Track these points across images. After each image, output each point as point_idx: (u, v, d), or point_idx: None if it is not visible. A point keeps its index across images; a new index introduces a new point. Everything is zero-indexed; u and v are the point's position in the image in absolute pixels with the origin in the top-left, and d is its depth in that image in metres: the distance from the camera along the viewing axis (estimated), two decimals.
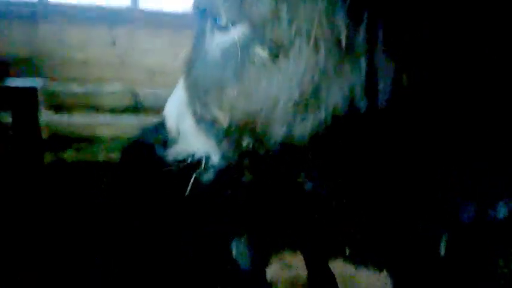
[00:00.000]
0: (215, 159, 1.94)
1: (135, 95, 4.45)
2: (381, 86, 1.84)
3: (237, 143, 1.83)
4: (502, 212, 2.14)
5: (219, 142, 1.87)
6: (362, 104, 1.84)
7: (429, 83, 1.86)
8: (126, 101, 4.46)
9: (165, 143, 2.05)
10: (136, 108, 4.59)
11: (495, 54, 1.80)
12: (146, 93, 4.57)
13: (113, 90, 4.41)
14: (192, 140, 1.94)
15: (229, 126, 1.80)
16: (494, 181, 2.01)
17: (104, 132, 4.23)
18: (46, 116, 3.93)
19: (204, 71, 1.86)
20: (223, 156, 1.91)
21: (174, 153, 2.00)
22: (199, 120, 1.87)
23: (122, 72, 5.04)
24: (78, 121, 4.18)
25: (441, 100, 1.91)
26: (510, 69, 1.77)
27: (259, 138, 1.82)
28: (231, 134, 1.82)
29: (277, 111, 1.75)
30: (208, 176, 1.96)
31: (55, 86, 4.08)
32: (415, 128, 2.00)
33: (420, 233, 2.20)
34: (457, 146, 1.94)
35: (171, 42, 5.14)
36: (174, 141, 1.99)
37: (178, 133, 1.97)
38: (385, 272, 3.83)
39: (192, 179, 1.96)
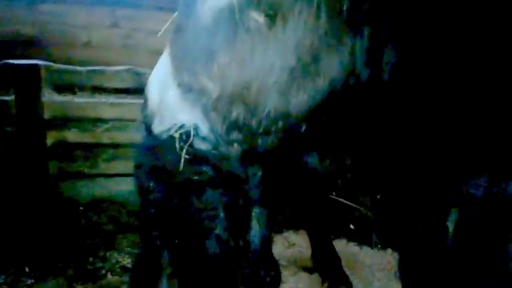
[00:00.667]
0: (203, 131, 1.86)
1: (138, 76, 4.42)
2: (385, 56, 1.81)
3: (227, 115, 1.78)
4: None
5: (206, 113, 1.80)
6: (364, 74, 1.80)
7: (438, 55, 1.82)
8: (130, 82, 4.43)
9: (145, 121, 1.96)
10: (140, 89, 4.57)
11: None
12: (150, 74, 4.55)
13: (116, 71, 4.37)
14: (177, 112, 1.84)
15: (219, 96, 1.74)
16: (508, 151, 1.96)
17: (108, 113, 4.22)
18: (49, 97, 3.92)
19: (194, 38, 1.78)
20: (212, 129, 1.84)
21: (157, 125, 1.90)
22: (186, 90, 1.80)
23: (126, 53, 5.04)
24: (81, 102, 4.16)
25: (447, 71, 1.86)
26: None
27: (252, 109, 1.76)
28: (220, 105, 1.76)
29: (272, 79, 1.68)
30: (196, 148, 1.89)
31: (58, 67, 4.05)
32: (421, 100, 1.96)
33: (427, 209, 2.18)
34: (466, 114, 1.90)
35: None
36: (156, 114, 1.89)
37: (161, 105, 1.86)
38: (389, 250, 3.85)
39: (184, 150, 1.91)
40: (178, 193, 1.96)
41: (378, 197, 2.78)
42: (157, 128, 1.89)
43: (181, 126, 1.85)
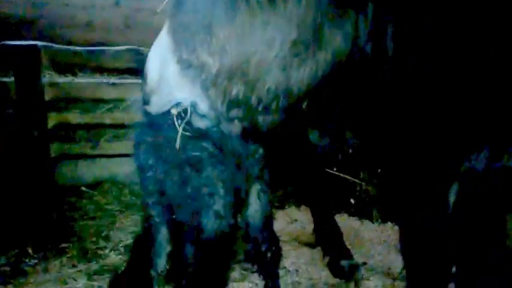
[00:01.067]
0: (203, 108, 1.85)
1: (140, 56, 4.41)
2: (389, 29, 1.79)
3: (227, 91, 1.76)
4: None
5: (206, 90, 1.78)
6: (367, 49, 1.78)
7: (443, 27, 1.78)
8: (131, 62, 4.42)
9: (144, 98, 1.94)
10: (141, 69, 4.56)
11: None
12: None
13: (117, 51, 4.36)
14: (175, 89, 1.83)
15: (219, 72, 1.72)
16: (508, 125, 1.94)
17: (109, 93, 4.22)
18: (49, 78, 3.93)
19: (193, 12, 1.75)
20: (212, 106, 1.82)
21: (156, 102, 1.89)
22: (185, 66, 1.77)
23: (127, 33, 5.03)
24: (82, 83, 4.16)
25: (449, 46, 1.83)
26: None
27: (252, 85, 1.75)
28: (220, 81, 1.74)
29: (273, 53, 1.66)
30: (195, 125, 1.90)
31: (58, 47, 4.05)
32: (423, 74, 1.93)
33: (428, 183, 2.17)
34: (468, 88, 1.87)
35: None
36: (154, 91, 1.87)
37: (160, 82, 1.85)
38: (389, 224, 3.85)
39: (181, 127, 1.91)
40: (177, 170, 1.98)
41: (378, 171, 2.78)
42: (155, 105, 1.89)
43: (179, 104, 1.85)
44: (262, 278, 2.67)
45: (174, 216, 2.06)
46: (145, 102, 1.93)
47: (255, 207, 2.51)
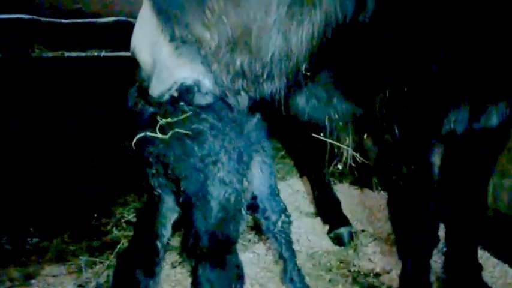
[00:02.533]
0: (207, 84, 1.78)
1: (131, 27, 4.31)
2: None
3: (230, 63, 1.69)
4: (494, 118, 2.11)
5: (208, 66, 1.71)
6: (349, 5, 1.75)
7: None
8: (122, 34, 4.32)
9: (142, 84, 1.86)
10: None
11: None
12: None
13: (106, 22, 4.26)
14: (175, 69, 1.74)
15: (219, 45, 1.65)
16: (487, 82, 1.95)
17: (101, 67, 4.14)
18: (38, 52, 3.83)
19: None
20: (216, 81, 1.76)
21: (156, 87, 1.81)
22: (180, 44, 1.69)
23: (118, 4, 4.90)
24: (72, 56, 4.07)
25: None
26: None
27: (255, 53, 1.67)
28: (222, 54, 1.67)
29: (271, 17, 1.60)
30: (200, 102, 1.86)
31: (46, 20, 3.94)
32: (413, 36, 1.93)
33: (412, 146, 2.20)
34: (449, 52, 1.88)
35: None
36: (152, 75, 1.79)
37: (156, 65, 1.76)
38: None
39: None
40: (179, 143, 1.96)
41: (365, 136, 2.82)
42: (156, 90, 1.81)
43: (183, 84, 1.78)
44: (275, 247, 2.68)
45: (180, 187, 2.04)
46: (144, 88, 1.86)
47: (259, 179, 2.53)
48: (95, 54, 4.12)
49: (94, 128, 4.22)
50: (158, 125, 1.90)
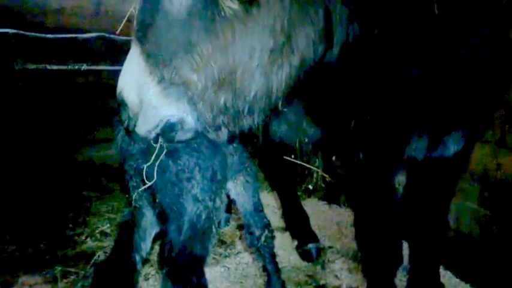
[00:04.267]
0: (190, 121, 1.88)
1: (111, 43, 4.42)
2: (337, 32, 1.95)
3: (214, 102, 1.81)
4: (450, 148, 2.32)
5: (194, 105, 1.82)
6: (320, 49, 1.93)
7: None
8: (103, 49, 4.43)
9: (128, 124, 1.93)
10: (113, 55, 4.57)
11: None
12: (123, 41, 4.54)
13: (88, 38, 4.35)
14: (161, 108, 1.84)
15: (205, 86, 1.76)
16: (445, 113, 2.15)
17: (81, 80, 4.23)
18: (22, 65, 3.90)
19: (167, 33, 1.74)
20: (199, 118, 1.86)
21: (142, 125, 1.89)
22: (167, 86, 1.79)
23: (99, 20, 4.98)
24: (54, 69, 4.15)
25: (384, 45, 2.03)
26: None
27: (238, 93, 1.81)
28: (207, 95, 1.78)
29: (255, 61, 1.76)
30: (185, 136, 1.96)
31: (29, 35, 4.01)
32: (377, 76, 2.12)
33: (375, 170, 2.37)
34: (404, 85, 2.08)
35: None
36: (138, 114, 1.87)
37: (143, 105, 1.84)
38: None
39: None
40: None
41: (333, 159, 3.00)
42: (142, 128, 1.90)
43: (167, 121, 1.88)
44: (259, 261, 2.81)
45: (157, 200, 2.12)
46: (129, 127, 1.94)
47: (243, 197, 2.68)
48: (76, 67, 4.22)
49: (72, 139, 4.31)
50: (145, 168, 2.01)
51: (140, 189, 2.15)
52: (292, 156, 3.13)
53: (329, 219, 4.13)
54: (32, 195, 3.81)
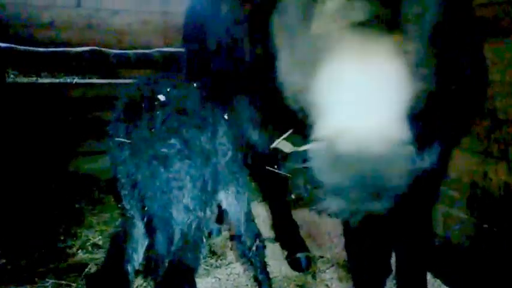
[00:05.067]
0: None
1: (104, 56, 4.46)
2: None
3: None
4: (427, 161, 2.36)
5: None
6: None
7: None
8: (94, 62, 4.46)
9: None
10: (105, 69, 4.62)
11: None
12: (114, 54, 4.59)
13: (81, 52, 4.39)
14: None
15: None
16: (431, 124, 2.19)
17: (73, 93, 4.26)
18: (13, 78, 3.93)
19: None
20: None
21: None
22: None
23: (89, 33, 5.04)
24: (46, 83, 4.18)
25: None
26: None
27: None
28: None
29: None
30: None
31: (21, 49, 4.04)
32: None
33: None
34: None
35: (137, 2, 5.15)
36: None
37: None
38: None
39: None
40: (148, 164, 2.07)
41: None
42: None
43: None
44: (252, 271, 2.85)
45: (146, 209, 2.12)
46: None
47: (234, 207, 2.68)
48: (68, 80, 4.25)
49: (63, 151, 4.33)
50: None
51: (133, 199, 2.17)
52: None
53: (320, 229, 4.15)
54: (23, 207, 3.82)
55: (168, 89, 2.24)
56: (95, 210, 4.17)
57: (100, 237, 3.75)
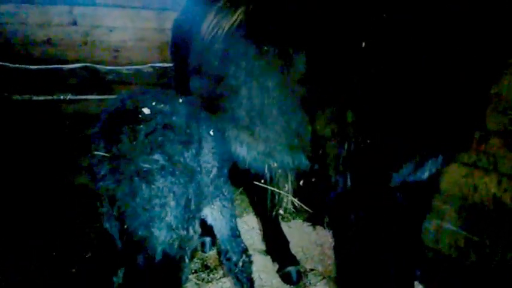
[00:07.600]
0: None
1: (97, 73, 4.51)
2: None
3: None
4: (426, 172, 2.36)
5: None
6: None
7: None
8: (87, 79, 4.52)
9: None
10: (98, 85, 4.66)
11: None
12: (107, 70, 4.64)
13: (74, 69, 4.44)
14: None
15: None
16: (430, 138, 2.20)
17: (67, 110, 4.30)
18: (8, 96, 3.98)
19: None
20: None
21: None
22: None
23: (85, 51, 5.09)
24: (40, 100, 4.22)
25: None
26: None
27: None
28: None
29: None
30: None
31: (15, 66, 4.10)
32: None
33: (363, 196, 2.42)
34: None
35: (133, 19, 5.20)
36: None
37: None
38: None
39: None
40: (129, 180, 2.00)
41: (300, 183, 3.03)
42: None
43: None
44: (238, 287, 2.80)
45: (125, 227, 2.03)
46: None
47: (220, 222, 2.68)
48: (62, 97, 4.29)
49: (57, 166, 4.37)
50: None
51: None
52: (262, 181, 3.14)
53: (312, 241, 4.15)
54: (16, 221, 3.84)
55: (154, 103, 2.19)
56: (88, 223, 4.16)
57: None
